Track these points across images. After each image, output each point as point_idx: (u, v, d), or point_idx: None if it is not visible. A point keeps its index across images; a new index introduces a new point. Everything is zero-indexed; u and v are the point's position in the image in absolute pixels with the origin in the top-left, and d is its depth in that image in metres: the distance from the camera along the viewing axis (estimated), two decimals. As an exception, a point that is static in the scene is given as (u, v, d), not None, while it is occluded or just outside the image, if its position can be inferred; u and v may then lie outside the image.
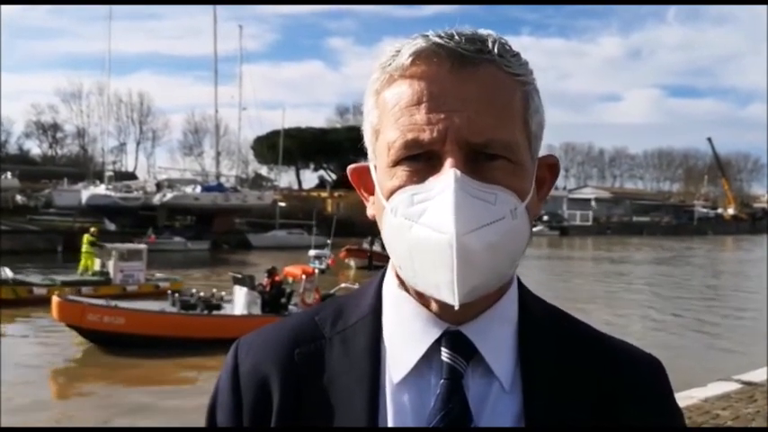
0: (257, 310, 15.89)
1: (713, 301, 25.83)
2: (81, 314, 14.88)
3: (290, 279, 17.40)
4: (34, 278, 21.87)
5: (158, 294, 19.59)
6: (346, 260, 32.91)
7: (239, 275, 17.19)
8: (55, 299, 15.40)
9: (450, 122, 0.77)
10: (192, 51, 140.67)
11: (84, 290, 19.93)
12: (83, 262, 23.39)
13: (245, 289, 16.22)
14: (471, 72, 0.78)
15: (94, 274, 22.38)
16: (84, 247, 23.71)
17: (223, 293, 17.51)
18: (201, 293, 17.66)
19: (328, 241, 22.16)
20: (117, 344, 14.41)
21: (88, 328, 14.87)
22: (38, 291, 19.08)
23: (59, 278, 21.65)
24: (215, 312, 16.20)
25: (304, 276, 16.97)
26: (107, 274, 21.73)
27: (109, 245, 23.07)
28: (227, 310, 16.41)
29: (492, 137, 0.77)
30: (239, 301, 16.21)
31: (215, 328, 15.22)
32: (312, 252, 20.30)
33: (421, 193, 0.77)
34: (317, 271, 17.81)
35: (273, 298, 16.18)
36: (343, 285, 18.53)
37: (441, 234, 0.73)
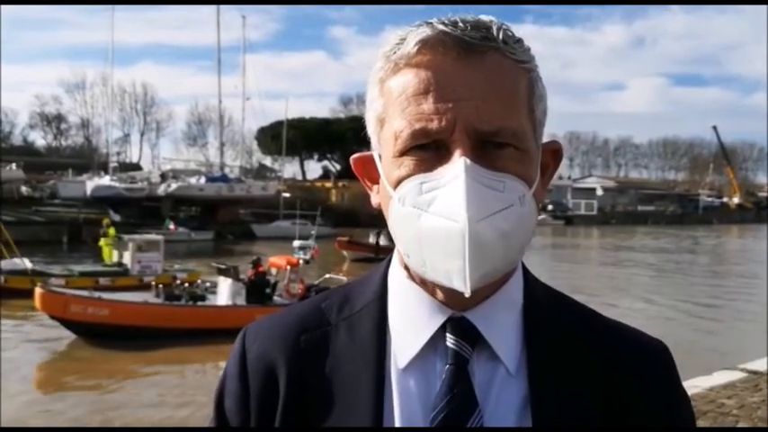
0: (242, 301, 15.94)
1: (719, 290, 25.80)
2: (64, 305, 14.89)
3: (274, 270, 17.40)
4: (52, 269, 21.90)
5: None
6: (343, 252, 32.91)
7: (223, 266, 17.22)
8: (38, 290, 15.36)
9: (459, 111, 0.77)
10: (195, 41, 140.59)
11: (102, 281, 19.97)
12: (107, 253, 23.39)
13: (229, 280, 16.27)
14: (477, 60, 0.78)
15: (112, 265, 22.37)
16: (103, 240, 23.73)
17: (207, 284, 17.55)
18: (203, 280, 17.71)
19: (313, 231, 22.11)
20: (101, 335, 14.45)
21: (72, 319, 14.87)
22: (56, 281, 19.11)
23: (77, 269, 21.67)
24: (199, 303, 16.25)
25: (289, 267, 17.00)
26: (125, 265, 21.71)
27: (126, 236, 23.02)
28: (211, 300, 16.46)
29: (501, 125, 0.77)
30: (223, 292, 16.25)
31: (199, 318, 15.36)
32: (296, 243, 20.27)
33: (430, 181, 0.77)
34: (301, 261, 17.79)
35: (258, 288, 16.22)
36: (327, 276, 18.54)
37: (452, 222, 0.74)
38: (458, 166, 0.75)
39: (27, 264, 20.75)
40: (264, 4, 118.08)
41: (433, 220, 0.76)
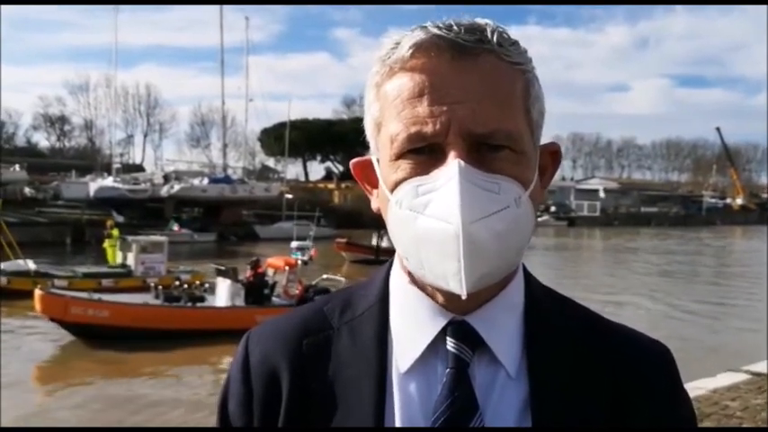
0: (240, 302, 16.01)
1: (723, 291, 25.75)
2: (64, 307, 14.91)
3: (271, 271, 17.43)
4: (55, 270, 21.92)
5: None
6: (342, 253, 32.90)
7: (222, 267, 17.28)
8: (37, 292, 15.34)
9: (453, 114, 0.77)
10: (198, 43, 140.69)
11: (105, 282, 19.95)
12: (110, 254, 23.38)
13: (228, 281, 16.33)
14: (472, 62, 0.78)
15: (116, 266, 22.34)
16: (107, 241, 23.79)
17: (206, 285, 17.58)
18: (201, 282, 17.78)
19: (311, 232, 22.14)
20: (101, 337, 14.49)
21: (72, 321, 14.90)
22: (59, 283, 19.12)
23: (81, 270, 21.67)
24: (198, 304, 16.30)
25: (287, 268, 17.04)
26: (128, 266, 21.65)
27: (131, 237, 23.04)
28: (210, 301, 16.50)
29: (496, 127, 0.78)
30: (222, 293, 16.29)
31: (199, 319, 15.45)
32: (294, 244, 20.33)
33: (425, 184, 0.78)
34: (299, 262, 17.87)
35: (256, 289, 16.29)
36: (325, 277, 18.63)
37: (447, 224, 0.74)
38: (452, 168, 0.76)
39: (30, 265, 20.75)
40: (268, 3, 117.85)
41: (429, 223, 0.76)
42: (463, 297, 0.75)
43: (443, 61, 0.78)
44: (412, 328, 0.85)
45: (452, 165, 0.76)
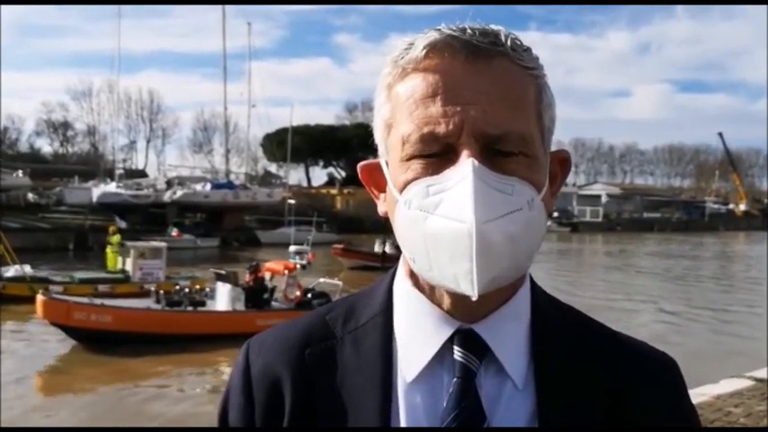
0: (241, 306, 16.12)
1: (726, 297, 25.69)
2: (67, 313, 14.96)
3: (268, 275, 17.49)
4: (52, 275, 21.87)
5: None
6: (340, 259, 32.88)
7: (222, 272, 17.36)
8: (39, 297, 15.37)
9: (467, 115, 0.76)
10: (201, 49, 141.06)
11: (101, 288, 19.93)
12: (111, 260, 23.38)
13: (228, 285, 16.44)
14: (486, 64, 0.78)
15: (115, 272, 22.28)
16: (108, 247, 23.81)
17: (207, 289, 17.66)
18: (201, 287, 17.88)
19: (309, 237, 22.26)
20: (104, 341, 14.53)
21: (74, 326, 14.94)
22: (54, 288, 19.13)
23: (78, 275, 21.64)
24: (199, 309, 16.38)
25: (286, 272, 17.13)
26: (127, 272, 21.56)
27: (129, 243, 23.00)
28: (210, 306, 16.57)
29: (508, 129, 0.77)
30: (222, 298, 16.38)
31: (200, 324, 15.58)
32: (292, 248, 20.45)
33: (437, 184, 0.76)
34: (298, 266, 17.94)
35: (256, 293, 16.42)
36: (321, 280, 18.75)
37: (459, 223, 0.73)
38: (465, 167, 0.75)
39: (27, 270, 20.73)
40: (271, 3, 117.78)
41: (440, 222, 0.75)
42: (474, 298, 0.74)
43: (457, 62, 0.78)
44: (417, 337, 0.84)
45: (466, 164, 0.75)
